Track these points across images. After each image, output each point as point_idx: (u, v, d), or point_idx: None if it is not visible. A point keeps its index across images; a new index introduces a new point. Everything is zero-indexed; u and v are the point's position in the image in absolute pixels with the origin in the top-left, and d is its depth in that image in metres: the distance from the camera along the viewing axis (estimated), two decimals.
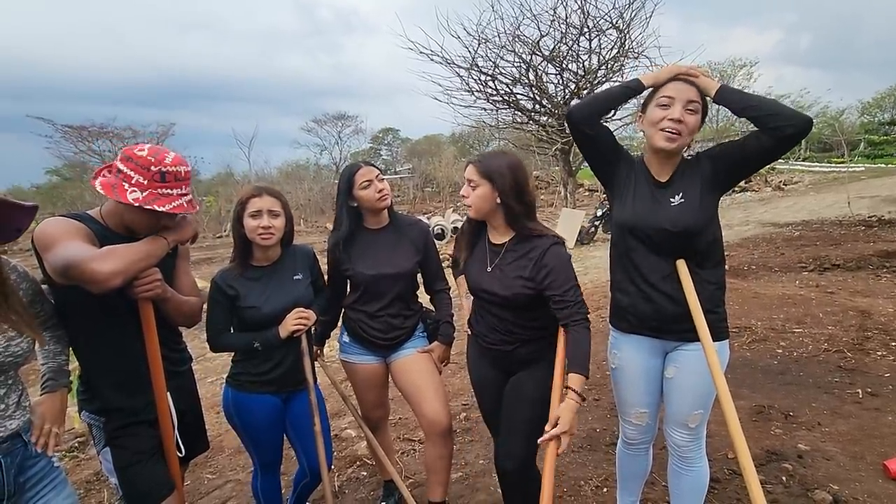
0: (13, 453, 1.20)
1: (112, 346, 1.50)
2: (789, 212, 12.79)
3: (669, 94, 1.53)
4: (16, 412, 1.22)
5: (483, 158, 1.70)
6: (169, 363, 1.61)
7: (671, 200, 1.59)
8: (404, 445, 2.88)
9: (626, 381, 1.78)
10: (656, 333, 1.68)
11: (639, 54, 9.63)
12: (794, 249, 7.76)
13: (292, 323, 1.79)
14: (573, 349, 1.56)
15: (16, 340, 1.19)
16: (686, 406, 1.67)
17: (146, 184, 1.39)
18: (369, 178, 1.92)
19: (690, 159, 1.64)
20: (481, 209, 1.69)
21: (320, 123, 35.60)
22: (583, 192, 19.54)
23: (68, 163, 23.07)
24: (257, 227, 1.74)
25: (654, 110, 1.56)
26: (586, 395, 3.35)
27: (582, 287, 1.66)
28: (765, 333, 4.21)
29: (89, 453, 3.14)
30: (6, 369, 1.20)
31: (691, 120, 1.52)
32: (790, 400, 3.06)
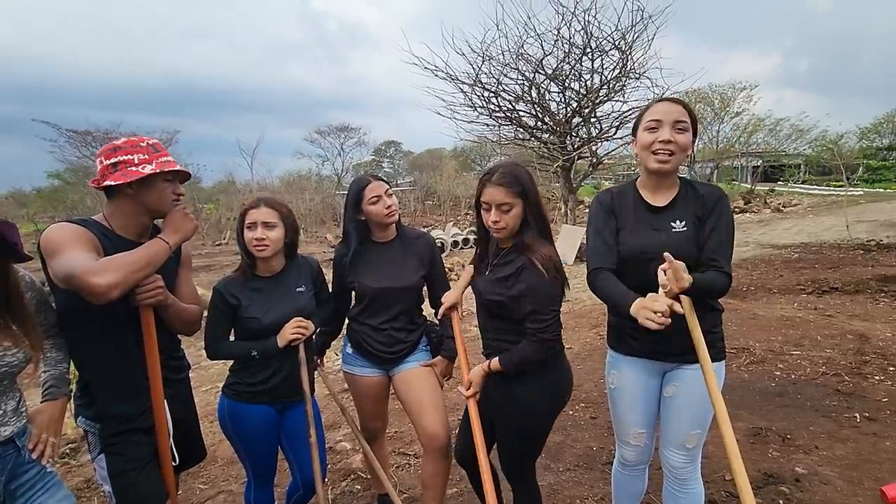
0: (5, 459, 1.20)
1: (111, 352, 1.50)
2: (788, 234, 12.84)
3: (656, 116, 1.55)
4: (11, 419, 1.22)
5: (509, 178, 1.57)
6: (167, 370, 1.61)
7: (672, 226, 1.59)
8: (399, 459, 2.86)
9: (624, 401, 1.78)
10: (655, 356, 1.68)
11: (640, 75, 9.75)
12: (792, 271, 7.78)
13: (290, 332, 1.79)
14: (512, 349, 1.61)
15: (11, 351, 1.19)
16: (684, 426, 1.67)
17: (148, 157, 1.47)
18: (378, 193, 1.92)
19: (689, 188, 1.64)
20: (514, 228, 1.61)
21: (323, 135, 35.91)
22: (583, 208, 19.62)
23: (71, 167, 23.14)
24: (252, 238, 1.76)
25: (644, 134, 1.58)
26: (583, 413, 3.34)
27: (581, 304, 1.69)
28: (763, 355, 4.21)
29: (80, 460, 3.11)
30: (1, 378, 1.19)
31: (681, 138, 1.54)
32: (788, 422, 3.04)
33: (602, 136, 10.68)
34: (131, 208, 1.51)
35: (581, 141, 10.79)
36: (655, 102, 1.61)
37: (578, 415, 3.35)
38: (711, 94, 25.89)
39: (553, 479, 2.59)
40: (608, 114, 10.55)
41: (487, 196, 1.60)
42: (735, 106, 26.42)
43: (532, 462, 1.81)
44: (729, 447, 1.32)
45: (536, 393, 1.66)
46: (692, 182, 1.66)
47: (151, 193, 1.50)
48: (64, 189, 24.04)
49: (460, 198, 27.01)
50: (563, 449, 2.89)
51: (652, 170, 1.59)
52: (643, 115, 1.61)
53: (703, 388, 1.52)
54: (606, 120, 10.57)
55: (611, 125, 10.54)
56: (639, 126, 1.62)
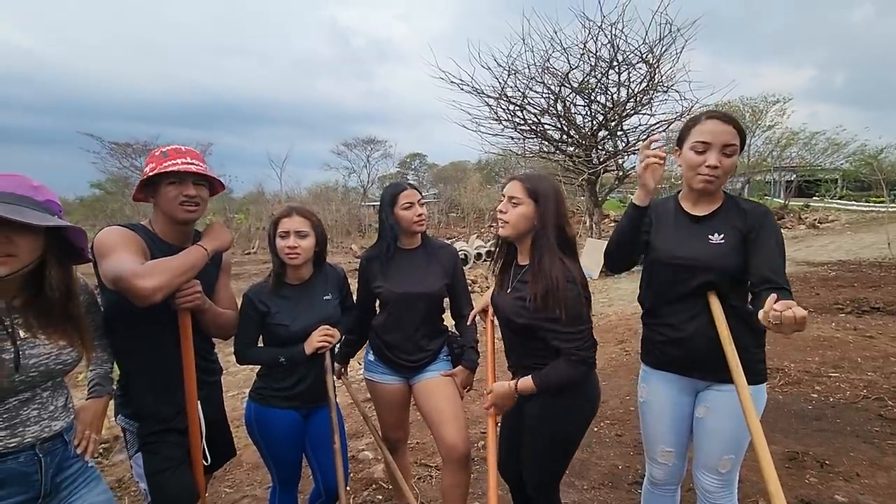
0: (53, 453, 1.25)
1: (152, 353, 1.56)
2: (825, 251, 12.36)
3: (706, 138, 1.48)
4: (61, 414, 1.27)
5: (529, 177, 1.63)
6: (202, 372, 1.66)
7: (710, 238, 1.55)
8: (421, 471, 2.85)
9: (652, 416, 1.74)
10: (686, 372, 1.63)
11: (668, 88, 9.66)
12: (829, 290, 7.47)
13: (318, 340, 1.82)
14: (548, 369, 1.54)
15: (66, 350, 1.24)
16: (716, 449, 1.60)
17: (155, 164, 1.55)
18: (412, 200, 1.99)
19: (732, 203, 1.59)
20: (518, 228, 1.60)
21: (350, 147, 36.61)
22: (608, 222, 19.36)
23: (112, 177, 24.22)
24: (284, 246, 1.80)
25: (690, 154, 1.52)
26: (608, 431, 3.27)
27: (606, 319, 1.67)
28: (798, 376, 4.04)
29: (113, 460, 3.21)
30: (55, 376, 1.25)
31: (728, 163, 1.50)
32: (826, 448, 2.91)
33: (628, 149, 10.58)
34: (160, 215, 1.59)
35: (607, 154, 10.70)
36: (706, 118, 1.52)
37: (604, 432, 3.27)
38: (742, 108, 25.33)
39: (577, 497, 2.53)
40: (635, 127, 10.48)
41: (506, 189, 1.65)
42: (767, 119, 25.78)
43: (559, 479, 1.79)
44: (766, 472, 1.26)
45: (572, 407, 1.63)
46: (735, 197, 1.62)
47: (160, 197, 1.56)
48: (104, 198, 25.13)
49: (484, 210, 27.02)
50: (587, 466, 2.83)
51: (696, 189, 1.57)
52: (691, 130, 1.53)
53: (737, 412, 1.46)
54: (633, 133, 10.49)
55: (638, 138, 10.44)
56: (685, 140, 1.55)
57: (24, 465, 1.18)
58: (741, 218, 1.55)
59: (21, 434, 1.18)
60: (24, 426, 1.18)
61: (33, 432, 1.20)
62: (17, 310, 1.20)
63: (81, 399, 1.47)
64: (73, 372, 1.46)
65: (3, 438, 1.15)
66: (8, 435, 1.16)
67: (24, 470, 1.18)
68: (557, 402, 1.61)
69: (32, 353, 1.19)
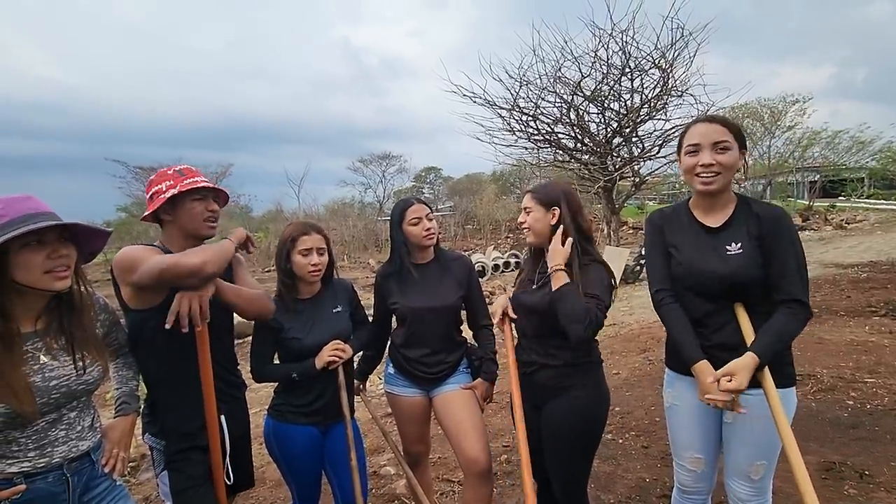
0: (80, 472, 1.26)
1: (178, 371, 1.58)
2: (854, 252, 11.97)
3: (694, 140, 1.53)
4: (88, 434, 1.30)
5: (539, 187, 1.84)
6: (226, 385, 1.70)
7: (728, 249, 1.53)
8: (443, 486, 2.82)
9: (679, 421, 1.71)
10: None
11: (683, 92, 9.53)
12: (861, 292, 7.21)
13: (328, 354, 1.83)
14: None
15: (89, 369, 1.27)
16: (746, 455, 1.56)
17: (173, 182, 1.58)
18: (419, 215, 2.00)
19: (746, 207, 1.57)
20: (539, 232, 1.78)
21: (366, 163, 36.98)
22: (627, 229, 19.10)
23: (136, 201, 24.95)
24: (307, 264, 1.82)
25: (685, 158, 1.56)
26: (633, 442, 3.20)
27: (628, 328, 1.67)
28: (832, 382, 3.89)
29: (140, 478, 3.25)
30: (80, 395, 1.28)
31: (724, 159, 1.50)
32: (865, 457, 2.78)
33: (644, 155, 10.46)
34: (176, 233, 1.61)
35: (622, 161, 10.60)
36: (693, 124, 1.58)
37: (629, 443, 3.20)
38: (760, 109, 24.90)
39: None
40: (650, 132, 10.34)
41: (523, 202, 1.85)
42: (787, 120, 25.26)
43: (587, 479, 1.81)
44: (799, 477, 1.22)
45: (590, 404, 1.73)
46: (749, 199, 1.60)
47: (183, 214, 1.59)
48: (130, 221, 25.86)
49: (500, 221, 26.96)
50: (613, 479, 2.76)
51: (699, 192, 1.57)
52: (683, 138, 1.59)
53: (765, 416, 1.43)
54: (649, 139, 10.36)
55: (653, 144, 10.31)
56: (680, 149, 1.61)
57: (53, 485, 1.20)
58: (755, 223, 1.52)
59: (49, 454, 1.20)
60: (52, 446, 1.21)
61: (61, 452, 1.22)
62: (38, 333, 1.23)
63: (109, 418, 1.50)
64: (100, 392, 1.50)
65: (32, 459, 1.17)
66: (37, 455, 1.18)
67: (53, 490, 1.20)
68: (579, 402, 1.70)
69: (53, 376, 1.21)
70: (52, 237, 1.18)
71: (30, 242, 1.15)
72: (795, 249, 1.49)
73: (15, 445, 1.16)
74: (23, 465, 1.16)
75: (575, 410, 1.71)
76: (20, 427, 1.16)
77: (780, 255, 1.48)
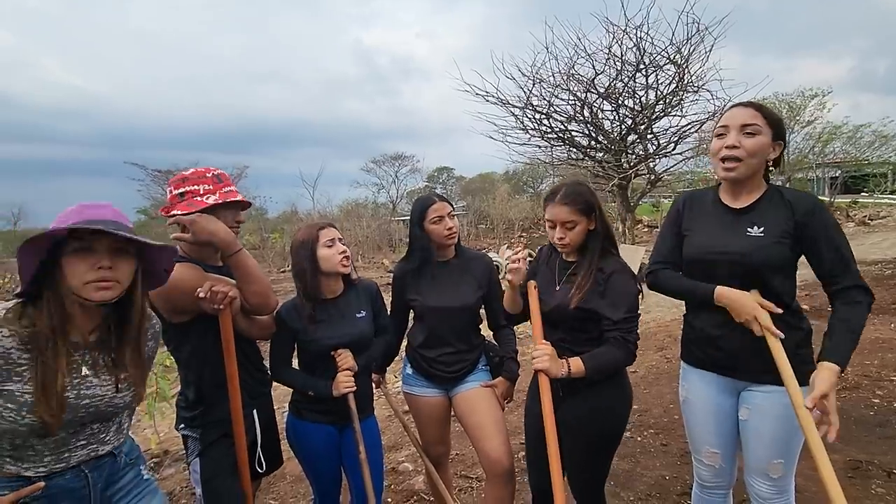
0: (100, 468, 1.24)
1: (207, 363, 1.63)
2: (878, 249, 11.69)
3: (724, 122, 1.52)
4: (112, 438, 1.27)
5: (571, 196, 1.63)
6: (256, 382, 1.77)
7: (748, 230, 1.50)
8: (462, 482, 2.82)
9: (694, 415, 1.70)
10: (726, 372, 1.59)
11: (698, 88, 9.40)
12: (886, 289, 7.04)
13: (344, 387, 1.78)
14: (598, 352, 1.55)
15: (122, 393, 1.23)
16: (763, 453, 1.54)
17: (213, 188, 1.60)
18: (441, 213, 1.96)
19: (776, 194, 1.53)
20: (578, 244, 1.66)
21: (379, 164, 37.16)
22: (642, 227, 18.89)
23: (155, 203, 25.41)
24: (335, 253, 1.78)
25: (714, 142, 1.54)
26: (652, 440, 3.16)
27: (645, 326, 1.65)
28: (857, 381, 3.82)
29: (163, 473, 3.32)
30: (104, 418, 1.23)
31: (748, 142, 1.46)
32: (892, 455, 2.72)
33: (659, 152, 10.34)
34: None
35: (637, 158, 10.49)
36: (728, 108, 1.55)
37: (648, 441, 3.17)
38: (778, 104, 24.39)
39: None
40: (665, 129, 10.22)
41: (551, 214, 1.65)
42: (806, 114, 24.69)
43: (605, 479, 1.78)
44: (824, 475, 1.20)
45: (615, 405, 1.68)
46: (781, 188, 1.56)
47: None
48: (149, 223, 26.35)
49: (513, 220, 26.87)
50: (632, 477, 2.74)
51: (723, 178, 1.54)
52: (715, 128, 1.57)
53: (781, 413, 1.42)
54: (664, 136, 10.24)
55: (669, 141, 10.19)
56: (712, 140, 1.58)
57: (71, 482, 1.18)
58: (786, 210, 1.49)
59: (67, 459, 1.17)
60: (70, 452, 1.18)
61: (79, 457, 1.19)
62: (89, 346, 1.19)
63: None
64: None
65: (48, 464, 1.15)
66: (53, 461, 1.15)
67: (72, 486, 1.18)
68: (601, 401, 1.65)
69: (88, 394, 1.17)
70: (104, 247, 1.13)
71: (79, 249, 1.11)
72: (841, 235, 1.46)
73: (31, 451, 1.13)
74: (38, 470, 1.14)
75: (598, 409, 1.66)
76: (40, 436, 1.12)
77: (827, 243, 1.44)
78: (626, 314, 1.57)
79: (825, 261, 1.45)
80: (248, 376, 1.76)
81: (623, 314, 1.56)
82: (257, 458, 1.77)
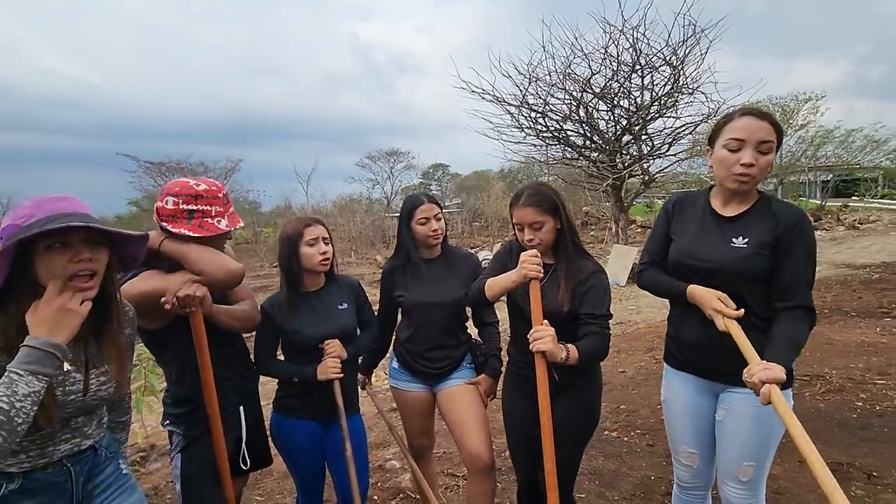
0: (82, 461, 1.24)
1: (188, 360, 1.60)
2: (866, 252, 11.81)
3: (740, 135, 1.41)
4: (94, 432, 1.27)
5: (536, 197, 1.65)
6: (241, 379, 1.76)
7: (733, 241, 1.50)
8: (448, 480, 2.83)
9: (674, 416, 1.73)
10: (704, 374, 1.61)
11: (694, 90, 9.45)
12: (873, 293, 7.13)
13: (331, 371, 1.81)
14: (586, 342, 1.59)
15: (105, 386, 1.23)
16: (735, 455, 1.55)
17: (223, 209, 1.59)
18: (428, 215, 2.00)
19: (765, 205, 1.52)
20: (549, 243, 1.69)
21: (374, 159, 37.01)
22: (635, 228, 18.97)
23: (147, 195, 25.20)
24: (316, 253, 1.82)
25: (723, 152, 1.46)
26: (639, 440, 3.19)
27: (635, 327, 1.68)
28: (841, 383, 3.86)
29: (149, 468, 3.30)
30: (88, 411, 1.23)
31: (763, 161, 1.42)
32: (873, 458, 2.76)
33: (654, 153, 10.38)
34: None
35: (632, 159, 10.53)
36: (741, 115, 1.45)
37: (634, 441, 3.20)
38: (772, 107, 24.54)
39: None
40: (660, 130, 10.26)
41: (518, 217, 1.68)
42: (799, 118, 24.88)
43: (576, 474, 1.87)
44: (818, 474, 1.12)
45: (596, 395, 1.78)
46: (770, 198, 1.54)
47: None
48: (140, 215, 26.14)
49: (507, 219, 26.85)
50: (618, 477, 2.77)
51: (730, 189, 1.50)
52: (724, 128, 1.47)
53: (754, 414, 1.43)
54: (658, 137, 10.28)
55: (663, 142, 10.24)
56: (718, 137, 1.48)
57: (53, 476, 1.18)
58: (771, 222, 1.48)
59: (51, 454, 1.17)
60: (54, 447, 1.17)
61: (63, 451, 1.19)
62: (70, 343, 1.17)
63: None
64: None
65: (32, 459, 1.14)
66: (38, 455, 1.15)
67: (54, 480, 1.18)
68: (584, 398, 1.75)
69: (72, 390, 1.16)
70: (77, 240, 1.11)
71: (53, 245, 1.09)
72: (810, 258, 1.45)
73: (16, 446, 1.10)
74: (22, 466, 1.13)
75: (580, 406, 1.74)
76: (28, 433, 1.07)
77: (795, 261, 1.44)
78: (606, 311, 1.65)
79: (787, 274, 1.44)
80: (232, 374, 1.75)
81: (605, 311, 1.64)
82: (242, 456, 1.77)
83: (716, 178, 1.56)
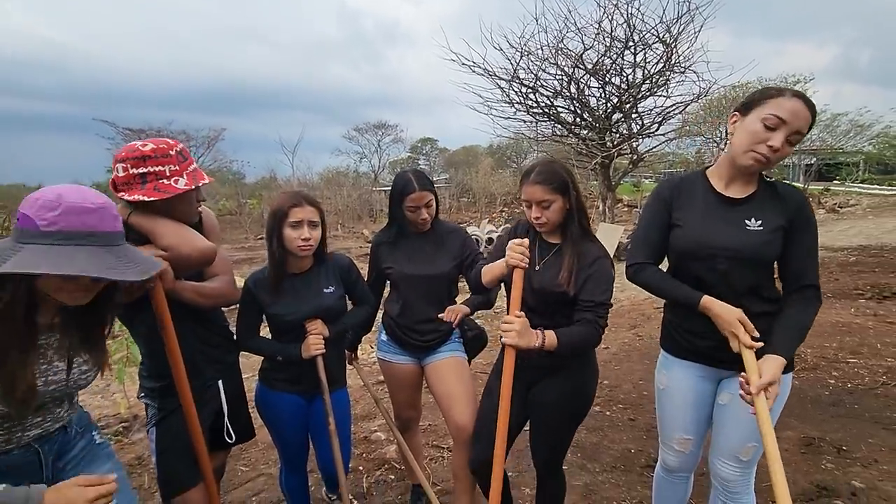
0: (51, 441, 1.20)
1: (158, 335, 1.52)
2: (844, 236, 12.10)
3: (784, 115, 1.34)
4: (64, 414, 1.23)
5: (546, 175, 1.60)
6: (219, 351, 1.71)
7: (747, 223, 1.45)
8: (433, 452, 2.87)
9: (672, 405, 1.69)
10: (711, 362, 1.58)
11: (686, 69, 9.38)
12: (849, 275, 7.32)
13: (314, 348, 1.77)
14: (571, 329, 1.56)
15: (86, 374, 1.20)
16: (740, 437, 1.55)
17: (179, 168, 1.45)
18: (418, 204, 1.97)
19: (769, 186, 1.49)
20: (557, 223, 1.64)
21: (361, 132, 36.37)
22: (622, 206, 19.10)
23: None
24: (297, 238, 1.70)
25: (757, 125, 1.37)
26: (620, 414, 3.27)
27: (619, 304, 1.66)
28: (815, 362, 3.99)
29: (133, 438, 3.29)
30: (68, 397, 1.22)
31: (786, 151, 1.38)
32: (843, 433, 2.87)
33: (643, 132, 10.36)
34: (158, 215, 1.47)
35: (621, 137, 10.50)
36: (792, 95, 1.37)
37: (616, 416, 3.27)
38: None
39: (589, 480, 2.54)
40: (650, 109, 10.21)
41: (527, 194, 1.63)
42: None
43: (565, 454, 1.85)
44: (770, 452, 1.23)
45: (591, 377, 1.75)
46: (773, 181, 1.51)
47: (180, 205, 1.48)
48: None
49: (496, 195, 26.84)
50: (599, 449, 2.83)
51: (741, 165, 1.43)
52: (768, 101, 1.38)
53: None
54: (648, 116, 10.24)
55: (653, 121, 10.20)
56: (756, 107, 1.39)
57: (20, 458, 1.15)
58: (779, 204, 1.46)
59: (19, 439, 1.13)
60: (23, 432, 1.14)
61: (32, 435, 1.15)
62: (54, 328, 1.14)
63: None
64: None
65: (1, 444, 1.10)
66: (5, 441, 1.11)
67: (21, 461, 1.15)
68: (578, 380, 1.71)
69: (55, 379, 1.13)
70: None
71: None
72: (817, 237, 1.47)
73: None
74: None
75: (570, 389, 1.70)
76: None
77: (806, 243, 1.44)
78: (605, 300, 1.59)
79: (796, 258, 1.45)
80: (209, 347, 1.70)
81: (604, 299, 1.58)
82: (225, 429, 1.75)
83: (730, 149, 1.46)
